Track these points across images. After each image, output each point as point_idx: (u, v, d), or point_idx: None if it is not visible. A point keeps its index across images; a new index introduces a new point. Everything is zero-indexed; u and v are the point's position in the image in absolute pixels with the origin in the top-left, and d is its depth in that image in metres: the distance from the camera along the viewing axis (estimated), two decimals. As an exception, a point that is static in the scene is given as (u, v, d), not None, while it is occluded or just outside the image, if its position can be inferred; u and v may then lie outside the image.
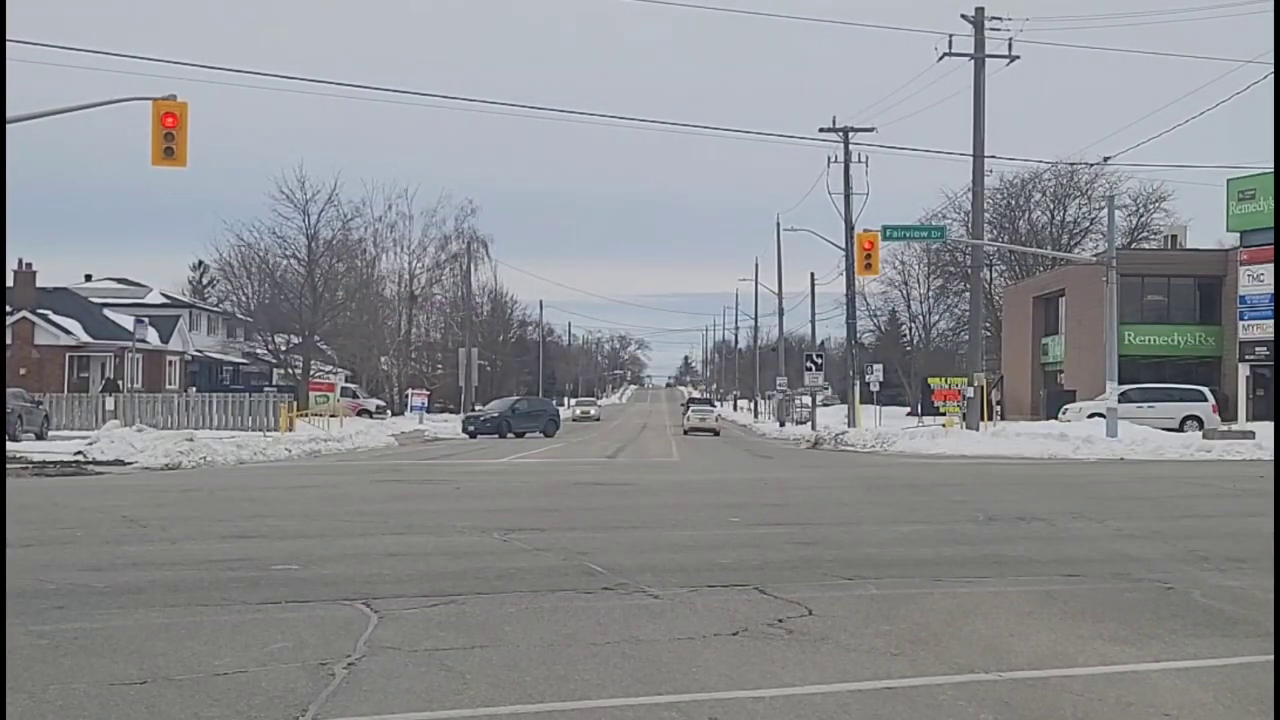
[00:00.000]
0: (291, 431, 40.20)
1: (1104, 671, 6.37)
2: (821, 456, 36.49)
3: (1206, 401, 43.74)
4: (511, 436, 51.99)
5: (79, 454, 26.68)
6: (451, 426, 56.44)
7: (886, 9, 68.07)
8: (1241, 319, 45.75)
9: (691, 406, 74.09)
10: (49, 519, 13.29)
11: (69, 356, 61.40)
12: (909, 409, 72.02)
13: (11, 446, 27.05)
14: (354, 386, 70.63)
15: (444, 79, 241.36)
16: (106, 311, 66.94)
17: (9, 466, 21.12)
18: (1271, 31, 26.39)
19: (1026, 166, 71.91)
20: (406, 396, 67.21)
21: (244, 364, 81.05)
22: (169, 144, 23.99)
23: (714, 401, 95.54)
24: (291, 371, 67.70)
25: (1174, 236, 61.32)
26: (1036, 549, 11.19)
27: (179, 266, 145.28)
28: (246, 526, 12.98)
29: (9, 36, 19.57)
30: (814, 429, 54.13)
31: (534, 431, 53.70)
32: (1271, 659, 6.35)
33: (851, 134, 52.23)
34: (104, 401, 45.86)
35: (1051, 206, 74.35)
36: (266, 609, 7.99)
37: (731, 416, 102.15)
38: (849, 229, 51.31)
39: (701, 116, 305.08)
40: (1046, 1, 46.70)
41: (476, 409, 64.20)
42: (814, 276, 77.12)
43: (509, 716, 5.50)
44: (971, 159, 40.39)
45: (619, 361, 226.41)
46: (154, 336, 61.88)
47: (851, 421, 51.23)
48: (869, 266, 37.09)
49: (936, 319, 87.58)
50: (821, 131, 51.93)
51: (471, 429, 53.10)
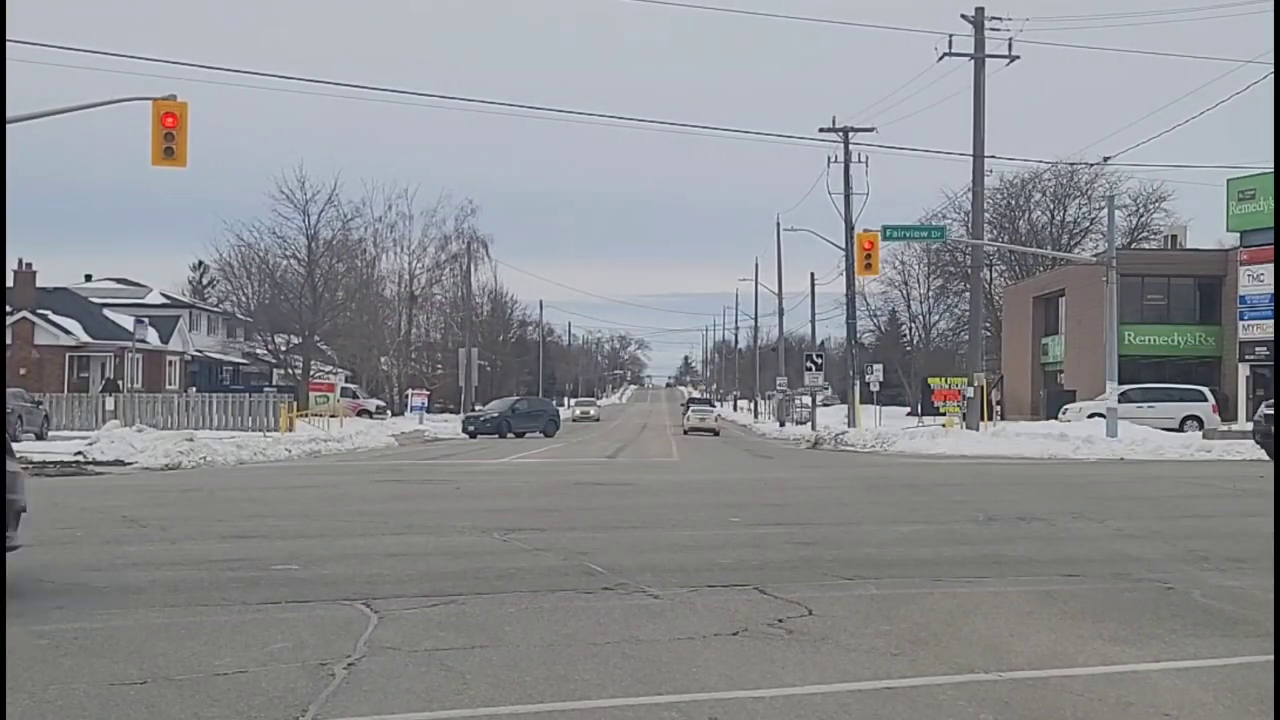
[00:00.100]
0: (291, 432, 40.21)
1: (1104, 671, 6.37)
2: (821, 456, 36.50)
3: (1206, 401, 43.73)
4: (511, 436, 51.98)
5: (79, 454, 26.68)
6: (451, 427, 56.43)
7: (886, 9, 68.11)
8: (1241, 319, 45.81)
9: (691, 406, 74.85)
10: (49, 519, 13.27)
11: (69, 356, 61.39)
12: (909, 409, 72.02)
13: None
14: (354, 387, 70.59)
15: (444, 79, 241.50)
16: (106, 311, 66.91)
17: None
18: (1271, 31, 26.38)
19: (1026, 166, 71.97)
20: (406, 397, 67.20)
21: (244, 364, 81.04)
22: (169, 144, 23.99)
23: (714, 401, 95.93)
24: (291, 372, 67.67)
25: (1174, 236, 61.30)
26: (1036, 549, 11.19)
27: (179, 266, 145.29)
28: (246, 526, 13.00)
29: (9, 36, 19.55)
30: (814, 429, 54.14)
31: (534, 431, 53.70)
32: (1271, 659, 6.35)
33: (851, 134, 52.26)
34: (104, 402, 45.83)
35: (1051, 206, 74.36)
36: (266, 609, 7.99)
37: (731, 416, 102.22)
38: (849, 229, 51.32)
39: (701, 116, 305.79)
40: (1046, 1, 46.72)
41: (476, 409, 64.18)
42: (814, 276, 77.12)
43: (509, 716, 5.50)
44: (971, 159, 40.41)
45: (619, 361, 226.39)
46: (154, 336, 61.87)
47: (851, 421, 51.23)
48: (869, 266, 37.14)
49: (936, 319, 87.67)
50: (821, 131, 51.98)
51: (471, 429, 53.10)
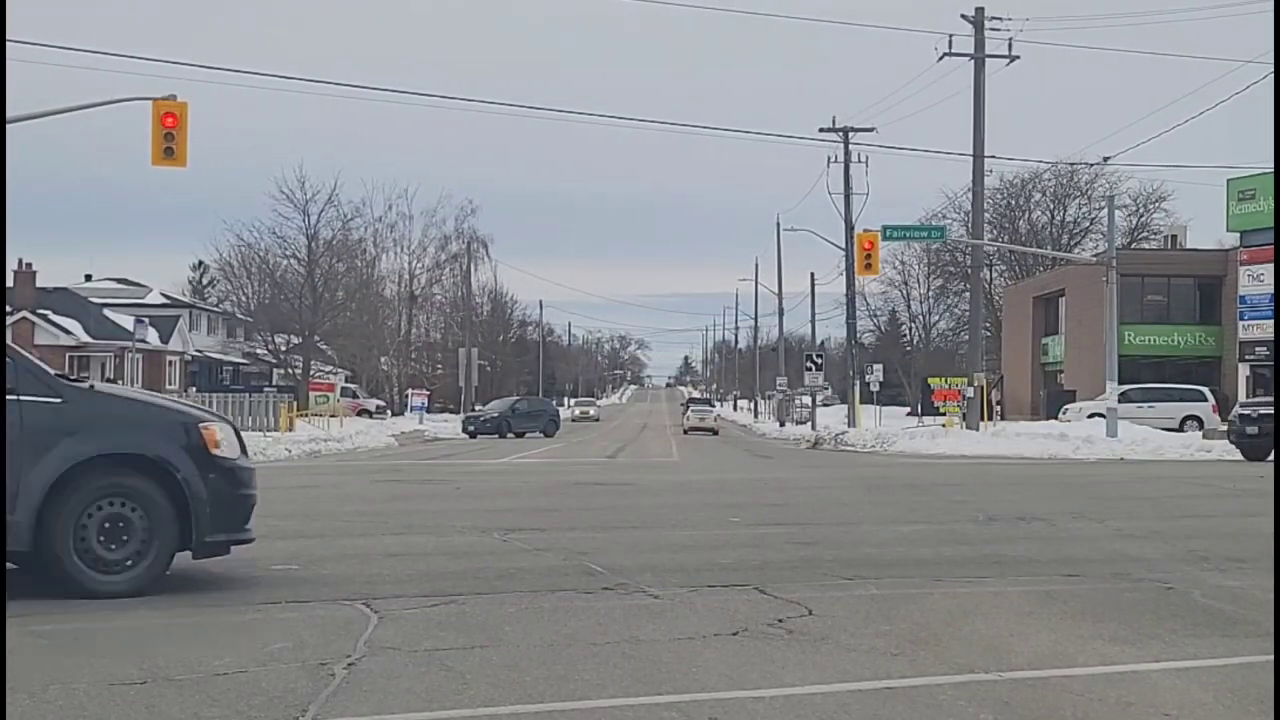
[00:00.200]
0: (291, 431, 40.19)
1: (1104, 671, 6.36)
2: (821, 456, 36.51)
3: (1206, 401, 43.72)
4: (511, 436, 52.01)
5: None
6: (451, 426, 56.45)
7: (886, 9, 68.18)
8: (1241, 319, 45.87)
9: (691, 406, 76.32)
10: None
11: (69, 356, 61.33)
12: (909, 409, 72.01)
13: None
14: (354, 386, 70.64)
15: (444, 79, 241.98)
16: (106, 311, 66.93)
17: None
18: (1271, 31, 26.40)
19: (1026, 166, 71.88)
20: (406, 396, 67.23)
21: (244, 364, 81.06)
22: (169, 144, 24.00)
23: (713, 401, 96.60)
24: (291, 372, 67.67)
25: (1174, 236, 61.31)
26: (1036, 549, 11.19)
27: (179, 266, 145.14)
28: (246, 526, 12.96)
29: (9, 36, 19.54)
30: (814, 429, 54.17)
31: (534, 431, 53.73)
32: (1271, 659, 6.35)
33: (851, 134, 52.29)
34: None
35: (1051, 206, 74.34)
36: (266, 609, 7.99)
37: (731, 416, 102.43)
38: (849, 229, 51.33)
39: (701, 116, 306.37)
40: (1046, 1, 46.76)
41: (476, 409, 64.21)
42: (814, 276, 76.85)
43: (509, 716, 5.50)
44: (971, 159, 40.44)
45: (619, 361, 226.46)
46: (154, 336, 61.89)
47: (851, 421, 51.23)
48: (869, 266, 37.17)
49: (936, 319, 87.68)
50: (821, 131, 52.01)
51: (471, 429, 53.11)
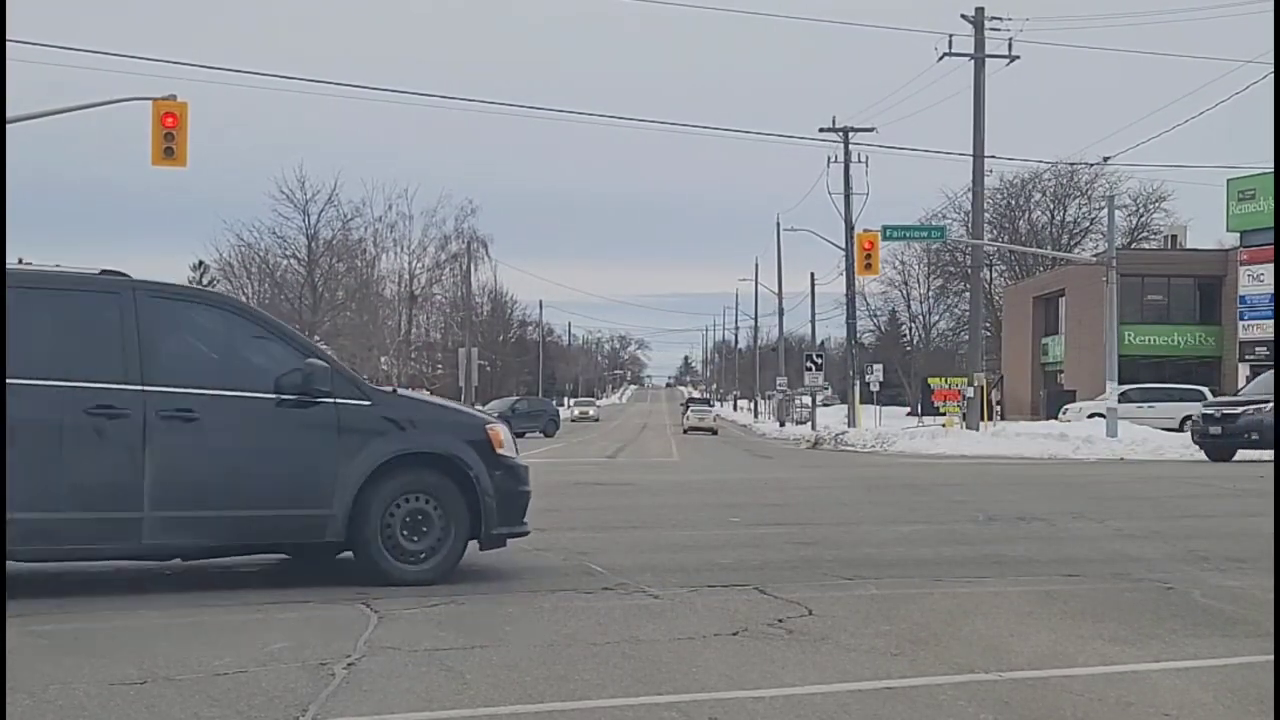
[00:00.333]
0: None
1: (1104, 671, 6.36)
2: (821, 456, 36.51)
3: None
4: (511, 436, 51.99)
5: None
6: (451, 426, 56.38)
7: (886, 9, 68.14)
8: (1241, 319, 45.91)
9: (690, 406, 77.23)
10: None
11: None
12: (909, 409, 72.03)
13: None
14: (354, 386, 70.59)
15: (444, 79, 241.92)
16: (107, 311, 66.85)
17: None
18: (1271, 31, 26.40)
19: (1026, 166, 71.98)
20: (406, 396, 67.20)
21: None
22: (169, 144, 24.00)
23: (712, 401, 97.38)
24: (291, 371, 67.63)
25: (1174, 236, 61.34)
26: (1036, 549, 11.18)
27: (179, 266, 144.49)
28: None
29: (9, 36, 19.56)
30: (814, 429, 54.18)
31: (534, 431, 53.75)
32: (1271, 659, 6.34)
33: (851, 134, 52.32)
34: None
35: (1051, 206, 74.38)
36: (266, 609, 7.98)
37: (731, 416, 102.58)
38: (849, 229, 51.35)
39: (701, 116, 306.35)
40: (1046, 1, 46.71)
41: (476, 409, 64.18)
42: (814, 276, 76.91)
43: (509, 716, 5.50)
44: (971, 159, 40.45)
45: (619, 361, 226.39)
46: (154, 336, 61.80)
47: (851, 421, 51.24)
48: (869, 266, 37.16)
49: (936, 319, 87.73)
50: (821, 131, 52.05)
51: (471, 429, 53.06)
